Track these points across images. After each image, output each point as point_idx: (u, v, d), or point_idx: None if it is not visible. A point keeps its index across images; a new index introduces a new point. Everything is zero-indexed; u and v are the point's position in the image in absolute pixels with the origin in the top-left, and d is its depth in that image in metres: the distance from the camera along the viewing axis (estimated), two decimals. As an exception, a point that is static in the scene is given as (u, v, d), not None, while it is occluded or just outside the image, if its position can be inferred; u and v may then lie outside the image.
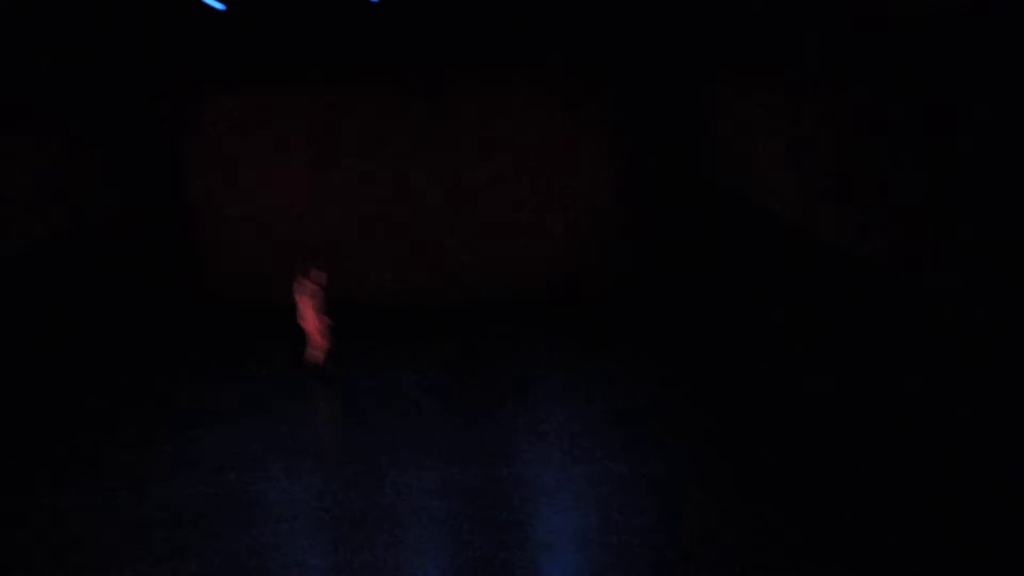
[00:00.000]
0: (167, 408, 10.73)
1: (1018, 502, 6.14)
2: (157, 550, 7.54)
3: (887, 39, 7.61)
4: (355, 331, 11.95)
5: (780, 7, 9.93)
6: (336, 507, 8.23)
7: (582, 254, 14.76)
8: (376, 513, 8.09)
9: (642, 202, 14.46)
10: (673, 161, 14.11)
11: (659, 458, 8.90)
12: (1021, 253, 5.86)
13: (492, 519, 7.90)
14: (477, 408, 10.42)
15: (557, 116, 14.36)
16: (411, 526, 7.84)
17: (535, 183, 14.56)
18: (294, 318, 13.85)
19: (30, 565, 7.35)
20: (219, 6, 11.52)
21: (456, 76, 14.17)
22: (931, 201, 6.93)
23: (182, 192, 14.50)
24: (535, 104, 14.34)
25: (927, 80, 6.92)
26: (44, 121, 11.69)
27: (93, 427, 10.22)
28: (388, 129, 14.47)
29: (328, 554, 7.42)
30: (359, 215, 14.63)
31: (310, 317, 10.85)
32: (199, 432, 10.00)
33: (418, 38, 13.74)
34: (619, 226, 14.64)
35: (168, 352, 12.89)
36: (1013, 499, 6.20)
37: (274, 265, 14.69)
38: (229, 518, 8.05)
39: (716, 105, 12.74)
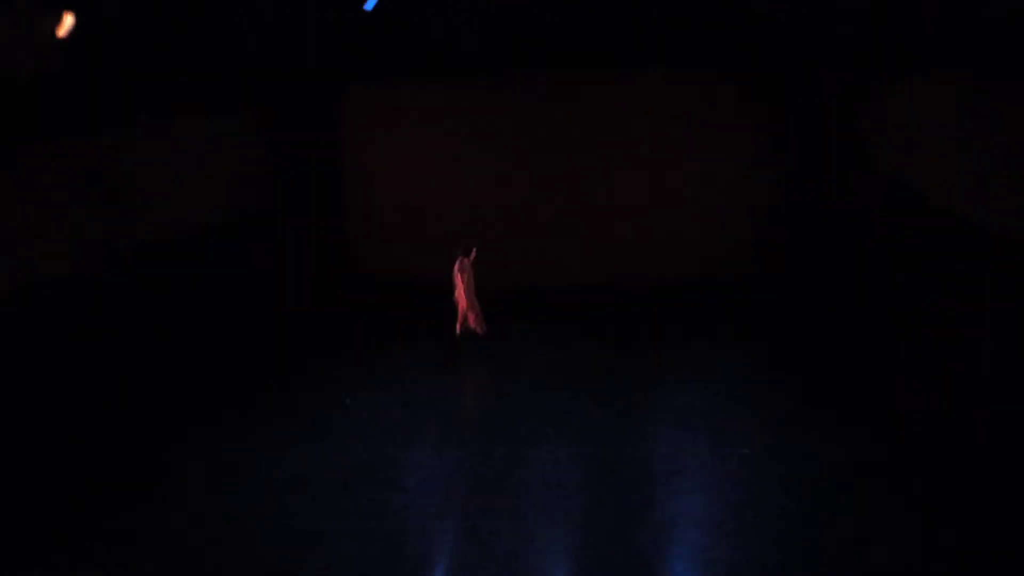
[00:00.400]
0: (318, 377, 11.33)
1: None
2: (291, 509, 7.89)
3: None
4: (502, 313, 12.40)
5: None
6: (468, 476, 8.43)
7: (732, 240, 14.75)
8: (506, 484, 8.21)
9: (796, 194, 14.38)
10: (832, 155, 13.87)
11: (794, 447, 8.70)
12: None
13: (620, 498, 7.88)
14: (615, 389, 10.46)
15: (713, 112, 14.48)
16: (540, 498, 7.92)
17: (687, 173, 14.68)
18: (441, 295, 13.92)
19: (184, 511, 7.93)
20: (369, 5, 12.22)
21: (605, 74, 14.51)
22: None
23: (340, 182, 15.54)
24: (690, 100, 14.53)
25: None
26: (222, 116, 13.03)
27: (246, 393, 10.93)
28: (536, 124, 14.85)
29: (454, 520, 7.62)
30: (504, 204, 15.08)
31: (465, 294, 11.49)
32: (348, 396, 10.52)
33: (564, 40, 13.97)
34: (766, 217, 14.62)
35: (320, 325, 13.74)
36: None
37: (420, 248, 15.37)
38: (360, 483, 8.34)
39: (884, 102, 12.43)
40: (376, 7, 13.21)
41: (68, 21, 8.12)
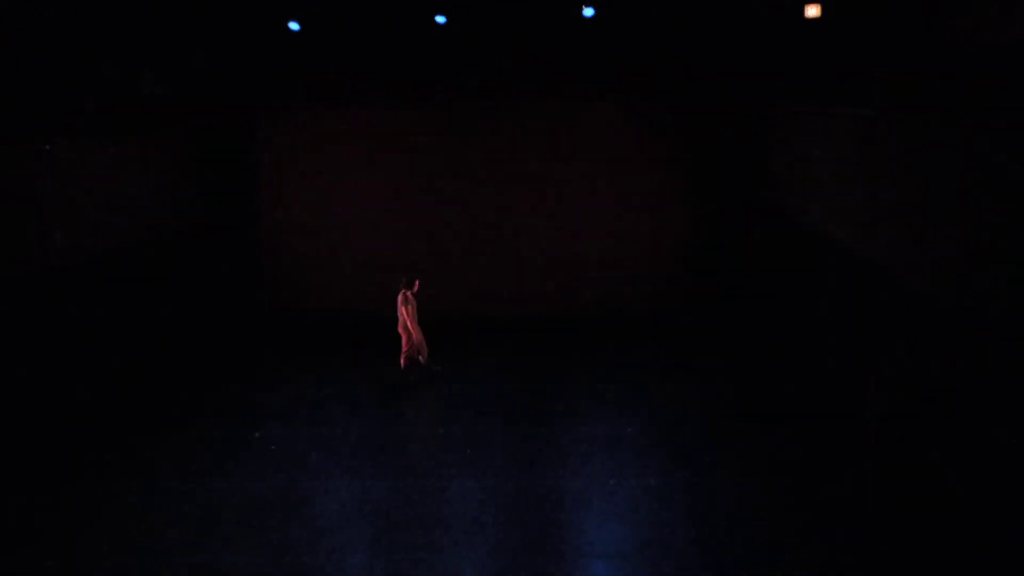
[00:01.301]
0: (230, 408, 11.25)
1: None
2: (199, 542, 7.86)
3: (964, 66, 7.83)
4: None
5: (846, 40, 10.31)
6: (380, 508, 8.47)
7: (642, 272, 15.01)
8: (418, 517, 8.31)
9: (703, 225, 14.76)
10: (736, 185, 14.39)
11: (701, 475, 9.03)
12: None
13: (530, 528, 8.06)
14: (529, 419, 10.66)
15: (624, 138, 14.77)
16: (452, 530, 8.03)
17: (601, 202, 14.93)
18: (355, 325, 14.57)
19: (99, 556, 7.70)
20: (294, 27, 12.56)
21: (526, 97, 14.71)
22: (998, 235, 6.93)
23: (259, 201, 15.31)
24: (603, 126, 14.79)
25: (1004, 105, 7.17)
26: (147, 135, 13.06)
27: (157, 424, 10.74)
28: (457, 147, 14.96)
29: (365, 554, 7.69)
30: (424, 229, 15.09)
31: (411, 325, 11.55)
32: (258, 430, 10.40)
33: (489, 61, 14.36)
34: (679, 247, 14.95)
35: (237, 353, 13.66)
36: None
37: (338, 274, 15.22)
38: (271, 517, 8.32)
39: (781, 132, 12.99)
40: (299, 29, 13.30)
41: None
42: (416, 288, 11.79)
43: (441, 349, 12.48)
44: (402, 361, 11.85)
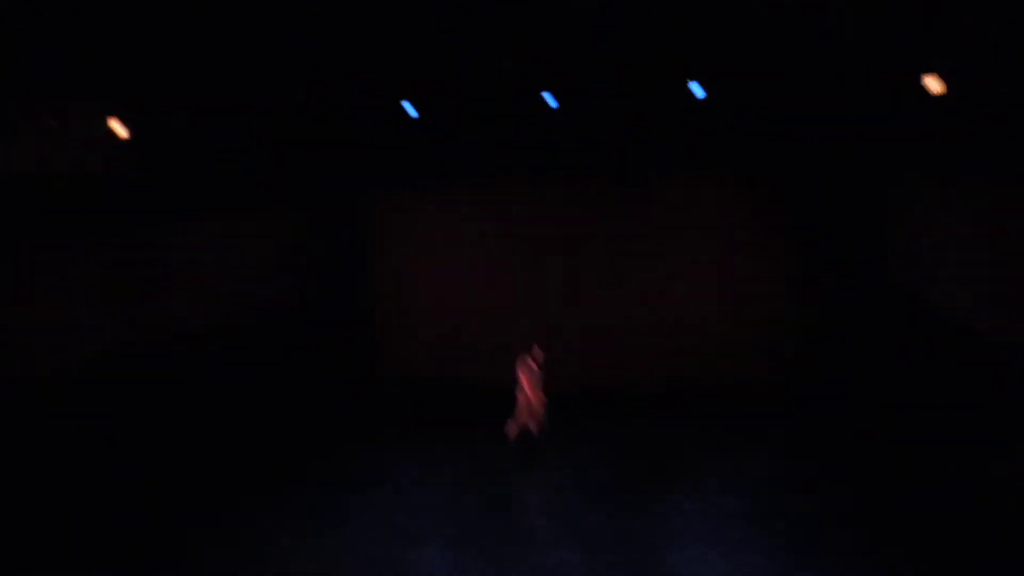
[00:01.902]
0: (333, 476, 11.45)
1: None
2: None
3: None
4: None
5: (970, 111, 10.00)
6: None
7: (754, 351, 14.60)
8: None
9: (815, 303, 14.29)
10: (854, 264, 13.93)
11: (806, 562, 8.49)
12: None
13: None
14: (632, 494, 10.44)
15: (738, 215, 14.61)
16: None
17: (713, 279, 14.73)
18: (462, 397, 14.77)
19: None
20: (413, 113, 13.04)
21: (638, 175, 14.81)
22: None
23: (370, 279, 15.89)
24: (717, 201, 14.68)
25: None
26: (264, 211, 13.72)
27: (263, 487, 11.03)
28: (567, 225, 15.17)
29: None
30: (532, 305, 15.22)
31: (530, 393, 11.37)
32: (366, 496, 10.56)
33: (601, 140, 14.51)
34: (791, 329, 14.50)
35: (344, 424, 13.82)
36: None
37: (443, 348, 15.51)
38: None
39: (904, 210, 12.62)
40: (416, 116, 13.92)
41: None
42: (536, 354, 11.54)
43: (552, 421, 12.27)
44: (512, 429, 11.64)
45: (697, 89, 12.82)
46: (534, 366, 11.46)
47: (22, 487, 9.43)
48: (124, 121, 10.36)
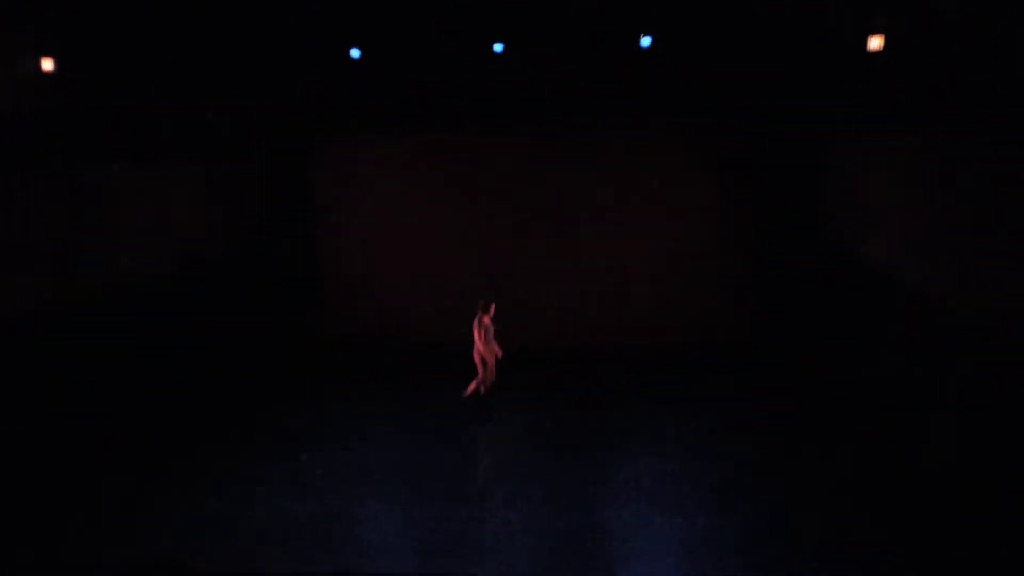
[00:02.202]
0: (277, 430, 11.41)
1: None
2: (238, 564, 7.97)
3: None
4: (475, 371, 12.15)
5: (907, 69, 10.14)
6: (419, 536, 8.46)
7: (693, 304, 14.80)
8: (456, 547, 8.29)
9: (759, 256, 14.52)
10: (794, 217, 14.12)
11: (751, 515, 8.77)
12: None
13: (573, 563, 7.98)
14: (577, 452, 10.53)
15: (681, 167, 14.66)
16: (489, 562, 7.99)
17: (658, 232, 14.80)
18: (408, 351, 14.80)
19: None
20: (355, 54, 12.70)
21: (584, 126, 14.71)
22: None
23: (317, 226, 15.60)
24: (660, 154, 14.69)
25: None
26: (204, 159, 13.45)
27: (203, 446, 10.97)
28: (515, 175, 15.01)
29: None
30: (479, 257, 15.14)
31: (482, 349, 11.34)
32: (305, 453, 10.54)
33: (546, 89, 14.31)
34: (735, 279, 14.70)
35: (288, 377, 13.84)
36: None
37: (392, 301, 15.40)
38: (311, 539, 8.42)
39: (843, 165, 12.73)
40: (359, 58, 13.56)
41: None
42: (492, 312, 11.48)
43: (500, 378, 12.31)
44: (469, 388, 11.65)
45: (644, 40, 12.80)
46: (487, 321, 11.44)
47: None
48: (50, 55, 9.78)
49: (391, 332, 15.33)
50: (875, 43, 10.88)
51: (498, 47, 13.57)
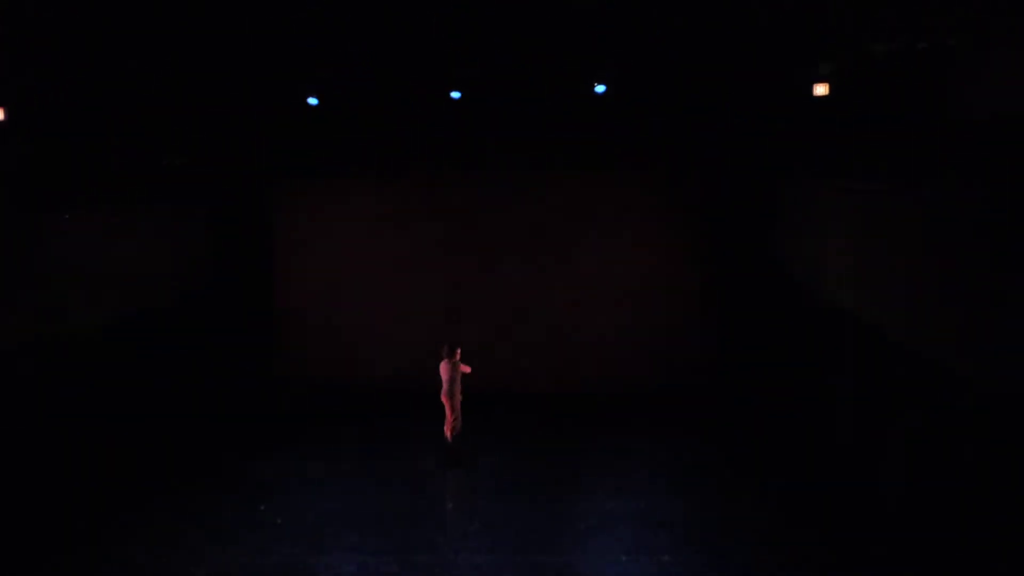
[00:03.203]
0: (235, 479, 11.13)
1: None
2: None
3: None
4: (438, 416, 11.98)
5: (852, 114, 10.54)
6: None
7: (654, 346, 14.87)
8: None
9: (717, 298, 14.72)
10: (749, 256, 14.42)
11: (718, 554, 8.77)
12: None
13: None
14: (543, 495, 10.49)
15: (637, 212, 14.90)
16: None
17: (615, 277, 14.90)
18: (366, 396, 14.57)
19: None
20: (313, 102, 12.81)
21: (540, 173, 14.90)
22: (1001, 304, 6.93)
23: (274, 271, 15.42)
24: (617, 200, 14.92)
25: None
26: (163, 205, 13.35)
27: (159, 494, 10.63)
28: (472, 222, 15.08)
29: None
30: (438, 303, 15.07)
31: (447, 393, 11.25)
32: (263, 503, 10.28)
33: (504, 137, 14.58)
34: (692, 321, 14.86)
35: (245, 423, 13.50)
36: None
37: (350, 346, 15.17)
38: None
39: (793, 204, 13.10)
40: (318, 104, 13.64)
41: None
42: (458, 356, 11.38)
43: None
44: (447, 431, 11.49)
45: (599, 87, 13.10)
46: (452, 368, 11.33)
47: None
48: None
49: (351, 374, 15.09)
50: (820, 90, 11.33)
51: (455, 94, 13.79)
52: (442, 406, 11.40)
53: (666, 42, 10.89)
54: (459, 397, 11.38)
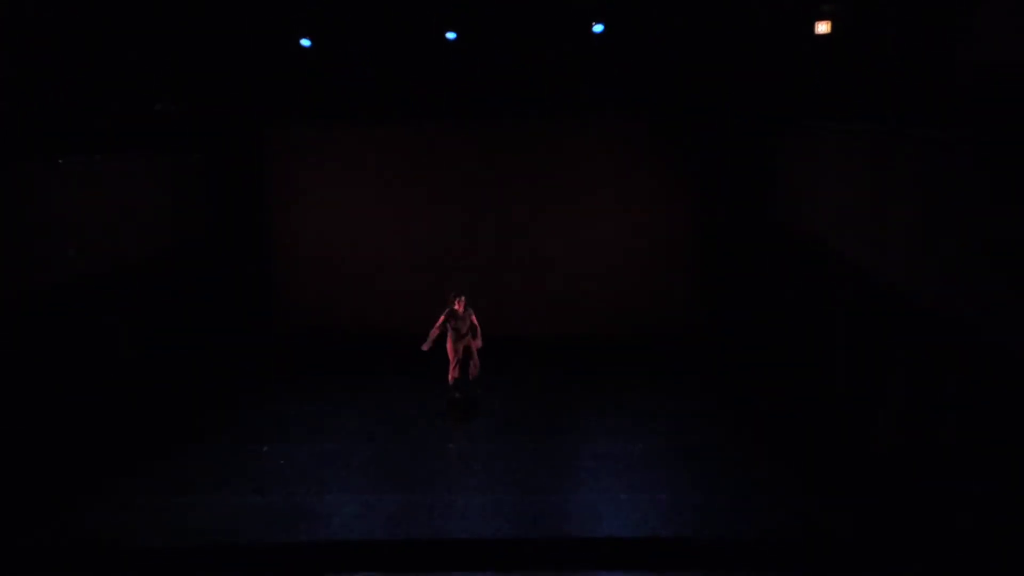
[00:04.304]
0: (237, 424, 11.25)
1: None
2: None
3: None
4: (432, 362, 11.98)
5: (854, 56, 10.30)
6: (386, 524, 8.44)
7: (648, 292, 14.87)
8: (424, 532, 8.29)
9: (709, 244, 14.68)
10: (741, 203, 14.34)
11: (713, 492, 8.95)
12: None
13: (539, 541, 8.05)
14: (541, 436, 10.62)
15: (633, 155, 14.77)
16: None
17: (612, 220, 14.84)
18: (364, 343, 14.56)
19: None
20: (306, 44, 12.63)
21: (536, 115, 14.67)
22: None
23: (269, 218, 15.25)
24: (608, 146, 14.78)
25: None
26: (159, 152, 13.25)
27: (161, 440, 10.71)
28: (469, 166, 14.92)
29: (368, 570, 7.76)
30: (434, 248, 15.03)
31: (450, 340, 11.38)
32: (266, 445, 10.38)
33: (499, 78, 14.33)
34: (685, 267, 14.85)
35: (244, 371, 13.54)
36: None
37: (347, 293, 15.12)
38: (277, 530, 8.31)
39: (794, 152, 12.96)
40: (311, 46, 13.41)
41: None
42: (462, 304, 11.41)
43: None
44: (455, 373, 11.63)
45: (597, 26, 12.86)
46: (460, 311, 11.41)
47: None
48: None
49: (349, 321, 15.10)
50: (822, 28, 11.14)
51: (451, 35, 13.55)
52: (460, 353, 11.52)
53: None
54: (462, 346, 11.48)
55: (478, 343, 11.65)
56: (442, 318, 11.39)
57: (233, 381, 13.08)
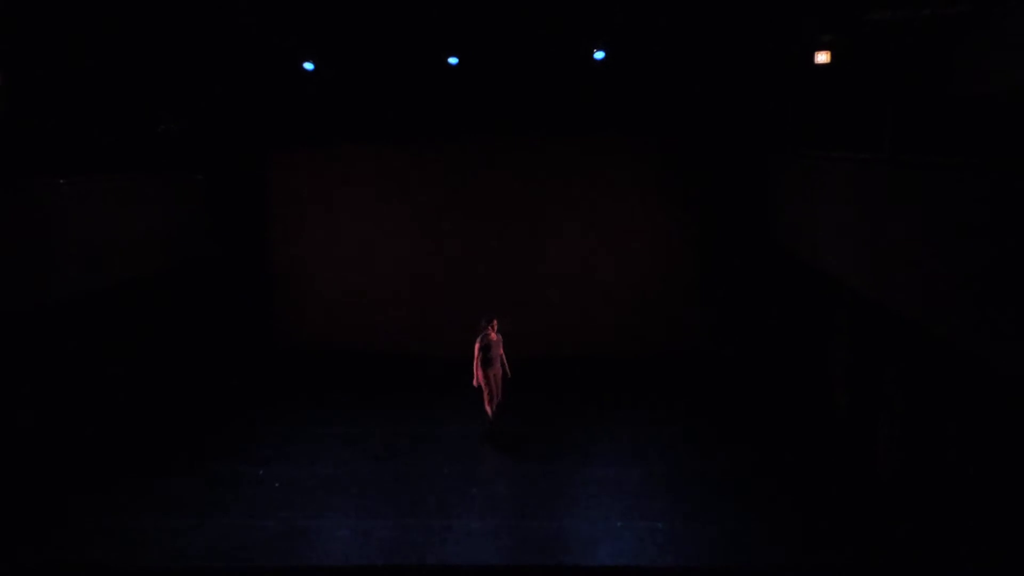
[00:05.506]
0: (234, 445, 11.16)
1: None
2: None
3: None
4: (433, 382, 12.16)
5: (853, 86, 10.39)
6: (382, 548, 8.36)
7: (649, 314, 14.90)
8: (420, 557, 8.21)
9: (710, 266, 14.73)
10: (741, 227, 14.42)
11: (710, 521, 8.87)
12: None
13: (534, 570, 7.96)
14: (538, 460, 10.56)
15: (633, 181, 14.85)
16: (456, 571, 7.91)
17: (610, 245, 14.94)
18: (364, 364, 14.54)
19: None
20: (309, 67, 12.79)
21: (537, 140, 14.78)
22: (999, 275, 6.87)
23: (271, 239, 15.32)
24: (609, 170, 14.87)
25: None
26: (161, 172, 13.28)
27: (159, 460, 10.65)
28: (468, 189, 15.02)
29: None
30: (433, 269, 15.09)
31: (478, 367, 11.25)
32: (262, 469, 10.31)
33: (500, 103, 14.42)
34: (686, 289, 14.88)
35: (242, 391, 13.42)
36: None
37: (344, 314, 15.11)
38: (273, 554, 8.26)
39: (793, 177, 13.01)
40: (313, 70, 13.51)
41: None
42: (494, 327, 11.33)
43: (456, 389, 12.33)
44: (488, 408, 11.50)
45: (598, 53, 12.97)
46: (493, 336, 11.36)
47: None
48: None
49: (344, 344, 15.09)
50: (822, 58, 11.23)
51: (452, 60, 13.66)
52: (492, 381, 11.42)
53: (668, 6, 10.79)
54: (492, 374, 11.41)
55: (506, 371, 11.61)
56: (477, 345, 11.30)
57: (231, 401, 13.01)
